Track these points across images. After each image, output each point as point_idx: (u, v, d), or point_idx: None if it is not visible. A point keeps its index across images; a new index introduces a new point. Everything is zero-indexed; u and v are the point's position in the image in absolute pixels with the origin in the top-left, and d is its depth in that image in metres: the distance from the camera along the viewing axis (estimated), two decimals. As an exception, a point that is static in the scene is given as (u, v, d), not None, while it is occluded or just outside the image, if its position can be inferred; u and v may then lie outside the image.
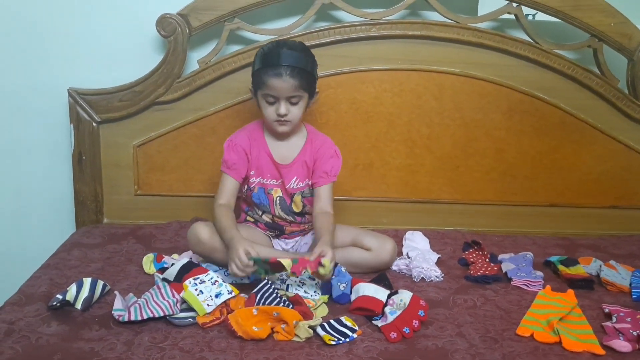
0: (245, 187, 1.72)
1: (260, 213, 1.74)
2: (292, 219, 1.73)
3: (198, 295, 1.38)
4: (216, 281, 1.43)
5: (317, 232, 1.61)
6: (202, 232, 1.59)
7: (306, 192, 1.71)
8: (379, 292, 1.46)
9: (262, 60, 1.61)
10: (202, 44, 1.93)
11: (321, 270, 1.44)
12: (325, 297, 1.49)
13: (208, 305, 1.37)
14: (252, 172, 1.70)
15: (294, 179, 1.69)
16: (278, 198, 1.71)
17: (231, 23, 1.86)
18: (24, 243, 2.06)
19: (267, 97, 1.61)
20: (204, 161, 1.94)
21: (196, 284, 1.41)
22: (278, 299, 1.39)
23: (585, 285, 1.62)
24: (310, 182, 1.70)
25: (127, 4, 1.89)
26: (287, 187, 1.69)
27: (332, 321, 1.35)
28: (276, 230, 1.75)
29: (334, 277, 1.51)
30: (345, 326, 1.34)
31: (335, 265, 1.52)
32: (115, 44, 1.91)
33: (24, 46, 1.90)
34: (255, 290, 1.42)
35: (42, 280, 1.54)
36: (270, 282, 1.44)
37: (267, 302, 1.39)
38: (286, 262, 1.43)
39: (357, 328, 1.35)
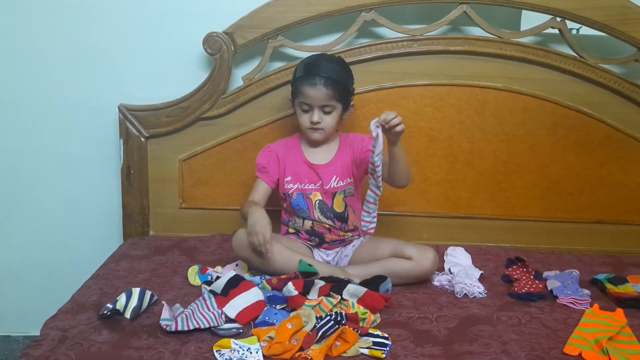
0: (284, 194, 1.76)
1: (301, 222, 1.77)
2: (332, 223, 1.75)
3: None
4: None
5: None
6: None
7: (347, 192, 1.75)
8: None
9: (301, 69, 1.73)
10: (246, 61, 1.98)
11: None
12: None
13: None
14: (288, 179, 1.75)
15: (333, 178, 1.74)
16: (317, 202, 1.74)
17: (275, 40, 1.90)
18: (74, 253, 2.12)
19: (302, 105, 1.71)
20: (247, 175, 1.98)
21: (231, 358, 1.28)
22: (337, 326, 1.35)
23: (635, 305, 1.58)
24: (350, 181, 1.75)
25: (175, 24, 1.95)
26: (326, 187, 1.74)
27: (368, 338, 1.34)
28: (316, 238, 1.76)
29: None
30: (378, 336, 1.35)
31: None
32: (163, 62, 1.98)
33: (77, 65, 1.98)
34: (317, 326, 1.36)
35: (92, 289, 1.59)
36: (329, 316, 1.40)
37: (327, 335, 1.33)
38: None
39: (387, 335, 1.36)
